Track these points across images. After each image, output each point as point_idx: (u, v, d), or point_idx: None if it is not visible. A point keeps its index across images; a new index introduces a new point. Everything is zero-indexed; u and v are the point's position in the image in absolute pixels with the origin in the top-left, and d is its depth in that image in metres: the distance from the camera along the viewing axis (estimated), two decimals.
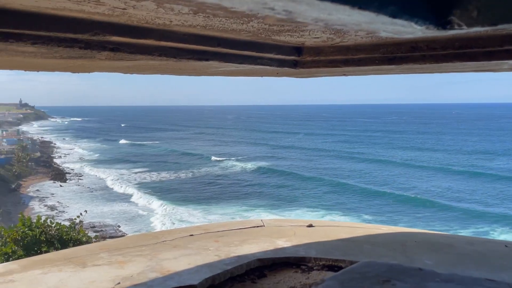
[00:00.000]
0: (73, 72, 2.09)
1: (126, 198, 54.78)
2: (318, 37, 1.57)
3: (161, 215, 46.13)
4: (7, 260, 8.09)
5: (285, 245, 2.11)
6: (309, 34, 1.50)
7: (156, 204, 51.11)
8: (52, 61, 1.67)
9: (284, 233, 2.30)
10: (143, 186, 61.91)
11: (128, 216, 46.55)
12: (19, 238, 8.43)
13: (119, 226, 43.43)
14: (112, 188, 61.39)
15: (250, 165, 76.26)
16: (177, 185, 62.09)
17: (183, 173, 72.21)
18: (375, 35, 1.42)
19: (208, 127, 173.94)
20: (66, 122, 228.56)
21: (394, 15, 0.89)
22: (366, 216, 41.46)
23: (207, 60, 1.78)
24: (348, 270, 2.03)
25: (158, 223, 43.12)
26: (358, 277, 1.94)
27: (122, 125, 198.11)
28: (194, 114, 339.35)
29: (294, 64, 2.09)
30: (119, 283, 1.56)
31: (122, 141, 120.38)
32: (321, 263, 2.01)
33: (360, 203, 48.62)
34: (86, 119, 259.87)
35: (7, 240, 8.37)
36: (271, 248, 1.98)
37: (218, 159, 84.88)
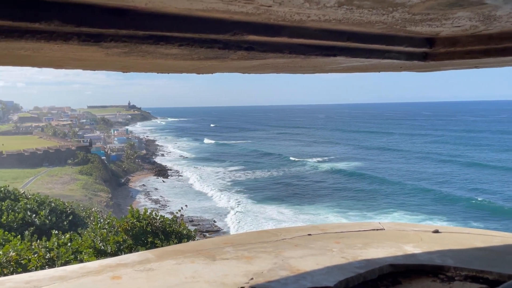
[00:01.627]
0: (199, 73, 2.18)
1: (221, 194, 57.19)
2: (459, 26, 1.42)
3: (255, 212, 47.35)
4: (119, 248, 8.85)
5: (415, 251, 1.97)
6: (452, 23, 1.37)
7: (249, 201, 52.60)
8: (187, 63, 1.76)
9: (410, 238, 2.16)
10: (237, 184, 64.04)
11: (223, 212, 48.55)
12: (129, 228, 9.12)
13: (215, 221, 45.53)
14: (208, 185, 64.56)
15: (340, 166, 74.58)
16: (268, 184, 63.11)
17: (274, 172, 73.21)
18: None
19: (297, 126, 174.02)
20: (166, 123, 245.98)
21: None
22: (475, 224, 37.88)
23: (334, 55, 1.74)
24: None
25: (252, 220, 44.30)
26: None
27: (211, 125, 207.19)
28: (285, 113, 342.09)
29: (424, 57, 1.95)
30: (252, 278, 1.59)
31: (207, 141, 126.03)
32: (463, 273, 1.83)
33: (466, 213, 44.44)
34: (182, 119, 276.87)
35: (119, 229, 9.11)
36: (400, 253, 1.86)
37: (306, 160, 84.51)
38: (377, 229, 2.32)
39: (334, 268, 1.66)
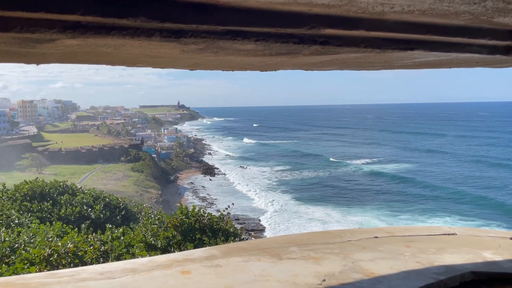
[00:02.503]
0: (263, 70, 2.16)
1: (267, 194, 57.35)
2: None
3: (300, 212, 47.06)
4: (168, 243, 9.05)
5: (496, 259, 1.84)
6: None
7: (294, 202, 52.39)
8: (257, 59, 1.74)
9: (486, 245, 2.02)
10: (283, 184, 63.94)
11: (269, 211, 48.68)
12: (178, 224, 9.30)
13: (259, 220, 45.76)
14: (254, 184, 65.00)
15: (389, 168, 72.41)
16: (314, 185, 62.48)
17: (320, 172, 72.38)
18: None
19: (344, 127, 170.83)
20: (213, 122, 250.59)
21: None
22: None
23: (412, 49, 1.65)
24: None
25: (297, 220, 44.07)
26: None
27: (254, 125, 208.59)
28: (332, 113, 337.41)
29: (507, 51, 1.80)
30: (324, 280, 1.55)
31: (250, 140, 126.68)
32: None
33: None
34: (228, 119, 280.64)
35: (168, 225, 9.31)
36: (479, 260, 1.74)
37: (353, 161, 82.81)
38: (448, 234, 2.19)
39: (411, 273, 1.57)
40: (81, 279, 1.63)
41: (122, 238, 9.00)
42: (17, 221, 11.67)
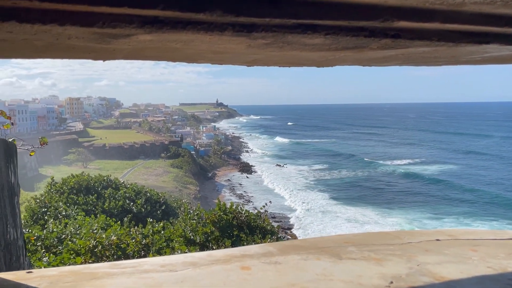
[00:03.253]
0: (321, 66, 2.12)
1: (304, 193, 56.99)
2: None
3: (337, 212, 46.45)
4: (206, 239, 9.15)
5: None
6: None
7: (332, 201, 51.72)
8: (320, 54, 1.71)
9: None
10: (321, 183, 63.33)
11: (305, 210, 48.37)
12: (216, 220, 9.38)
13: (297, 219, 45.56)
14: (291, 183, 64.76)
15: (431, 170, 69.98)
16: (351, 185, 61.44)
17: (359, 172, 71.04)
18: None
19: (383, 126, 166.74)
20: (249, 120, 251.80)
21: None
22: None
23: (487, 43, 1.56)
24: None
25: (334, 220, 43.55)
26: None
27: (289, 123, 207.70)
28: (371, 112, 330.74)
29: None
30: (392, 282, 1.50)
31: (286, 139, 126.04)
32: None
33: None
34: (264, 117, 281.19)
35: (207, 221, 9.41)
36: None
37: (394, 161, 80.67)
38: None
39: (485, 279, 1.49)
40: (144, 271, 1.67)
41: (162, 232, 9.19)
42: (64, 213, 12.19)
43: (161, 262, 1.70)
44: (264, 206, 10.95)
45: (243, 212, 9.84)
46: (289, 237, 35.74)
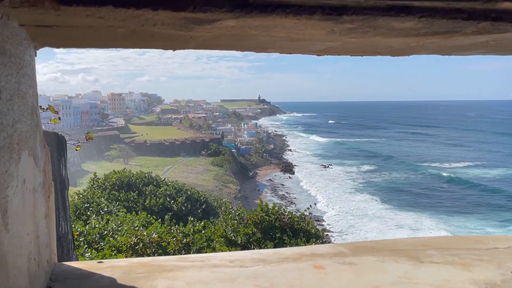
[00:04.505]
0: (399, 55, 2.03)
1: (351, 196, 56.05)
2: None
3: (386, 218, 45.36)
4: (248, 240, 9.18)
5: None
6: None
7: (382, 206, 50.55)
8: (403, 41, 1.63)
9: None
10: (370, 185, 62.05)
11: (353, 214, 47.55)
12: (258, 221, 9.40)
13: (343, 222, 44.91)
14: (338, 185, 63.86)
15: (493, 175, 66.73)
16: (404, 189, 59.79)
17: (411, 174, 69.02)
18: None
19: (438, 126, 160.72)
20: (291, 117, 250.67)
21: None
22: None
23: None
24: None
25: (383, 226, 42.57)
26: None
27: (330, 121, 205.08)
28: (425, 110, 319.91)
29: None
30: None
31: (328, 138, 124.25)
32: None
33: None
34: (306, 114, 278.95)
35: (249, 222, 9.44)
36: None
37: (452, 164, 77.66)
38: None
39: None
40: (214, 265, 1.69)
41: (203, 231, 9.31)
42: (106, 209, 12.64)
43: (228, 258, 1.72)
44: (308, 208, 10.88)
45: (286, 213, 9.81)
46: (335, 241, 35.31)
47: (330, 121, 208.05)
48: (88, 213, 11.97)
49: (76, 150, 4.60)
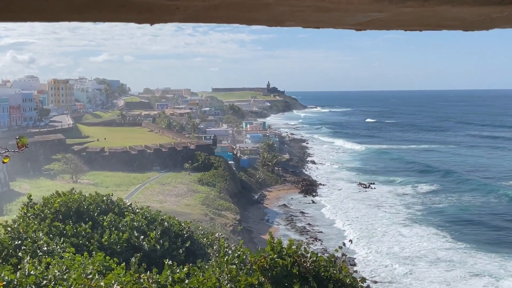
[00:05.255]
0: (467, 29, 2.10)
1: (407, 229, 55.95)
2: None
3: (462, 262, 45.42)
4: None
5: None
6: None
7: (451, 243, 50.50)
8: (475, 10, 1.74)
9: None
10: (432, 214, 62.01)
11: (409, 256, 47.45)
12: (267, 267, 9.32)
13: (393, 268, 44.83)
14: (384, 212, 63.70)
15: None
16: (482, 218, 59.84)
17: (491, 198, 69.09)
18: None
19: None
20: (317, 114, 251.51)
21: None
22: None
23: None
24: None
25: (457, 271, 42.68)
26: None
27: (367, 120, 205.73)
28: (505, 102, 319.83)
29: None
30: None
31: (369, 145, 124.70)
32: None
33: None
34: (337, 109, 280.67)
35: (253, 267, 9.36)
36: None
37: None
38: None
39: None
40: None
41: (187, 281, 9.28)
42: (45, 248, 12.59)
43: None
44: (341, 248, 10.82)
45: (309, 255, 9.75)
46: None
47: (368, 120, 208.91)
48: (20, 254, 11.95)
49: (4, 162, 4.58)
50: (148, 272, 9.54)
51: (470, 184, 77.29)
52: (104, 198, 17.92)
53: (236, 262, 9.42)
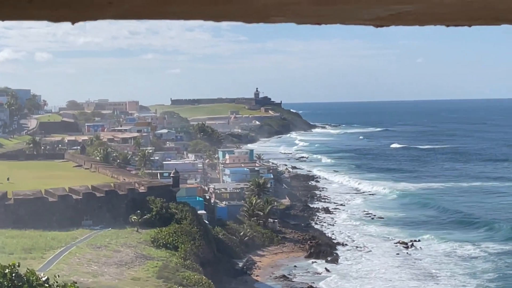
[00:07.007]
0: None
1: None
2: None
3: None
4: None
5: None
6: None
7: None
8: None
9: None
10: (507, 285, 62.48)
11: None
12: None
13: None
14: (438, 285, 64.03)
15: None
16: None
17: None
18: None
19: None
20: (327, 137, 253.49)
21: None
22: None
23: None
24: None
25: None
26: None
27: (392, 146, 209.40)
28: None
29: None
30: None
31: (401, 184, 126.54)
32: None
33: None
34: (354, 130, 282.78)
35: None
36: None
37: None
38: None
39: None
40: None
41: None
42: None
43: None
44: None
45: None
46: None
47: (393, 145, 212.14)
48: None
49: None
50: None
51: None
52: (7, 270, 17.88)
53: None
